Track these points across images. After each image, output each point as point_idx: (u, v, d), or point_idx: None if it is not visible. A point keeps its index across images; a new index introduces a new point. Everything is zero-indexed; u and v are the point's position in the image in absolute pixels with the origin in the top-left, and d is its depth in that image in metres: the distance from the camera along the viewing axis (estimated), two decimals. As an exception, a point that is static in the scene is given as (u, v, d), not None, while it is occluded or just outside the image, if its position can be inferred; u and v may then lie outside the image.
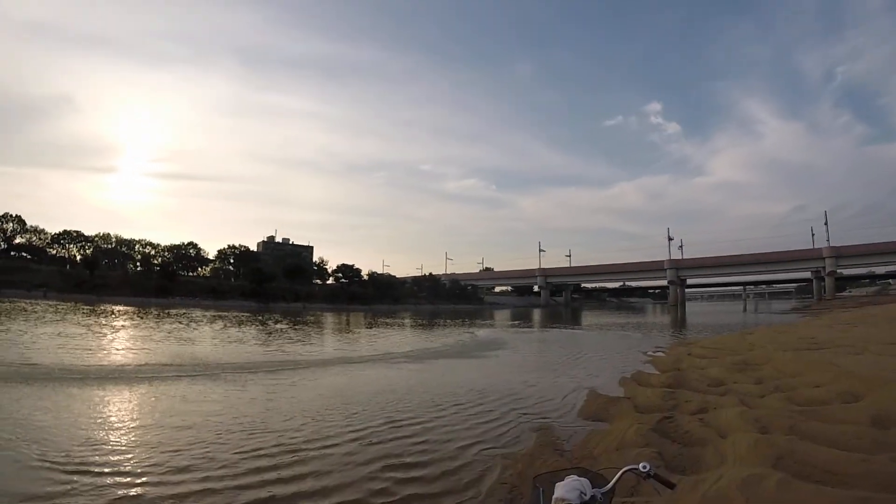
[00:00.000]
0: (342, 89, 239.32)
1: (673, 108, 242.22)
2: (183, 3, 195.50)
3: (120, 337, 19.63)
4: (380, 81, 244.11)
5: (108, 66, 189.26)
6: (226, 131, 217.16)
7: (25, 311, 32.89)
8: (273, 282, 78.28)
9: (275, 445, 5.95)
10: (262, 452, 5.66)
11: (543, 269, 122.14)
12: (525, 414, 7.88)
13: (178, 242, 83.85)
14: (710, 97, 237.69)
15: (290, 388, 9.93)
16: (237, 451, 5.70)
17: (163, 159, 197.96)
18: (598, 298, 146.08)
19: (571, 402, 8.80)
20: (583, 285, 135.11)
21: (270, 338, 22.14)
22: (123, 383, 9.84)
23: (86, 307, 44.01)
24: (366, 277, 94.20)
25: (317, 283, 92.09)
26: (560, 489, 1.59)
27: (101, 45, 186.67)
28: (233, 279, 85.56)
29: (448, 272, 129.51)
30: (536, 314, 68.58)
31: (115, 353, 14.43)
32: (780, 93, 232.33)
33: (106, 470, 4.94)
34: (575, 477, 1.63)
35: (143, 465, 5.16)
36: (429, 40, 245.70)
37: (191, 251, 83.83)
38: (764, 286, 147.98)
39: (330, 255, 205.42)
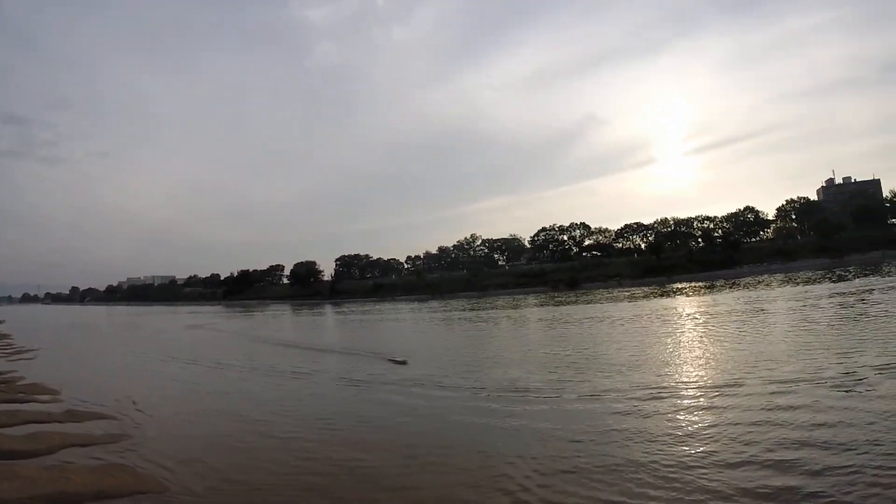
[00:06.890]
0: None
1: None
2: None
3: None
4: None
5: (611, 73, 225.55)
6: (741, 83, 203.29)
7: (610, 298, 43.13)
8: (841, 232, 73.36)
9: None
10: None
11: None
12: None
13: (733, 210, 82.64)
14: None
15: None
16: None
17: (693, 135, 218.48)
18: None
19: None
20: None
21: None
22: None
23: (656, 288, 52.68)
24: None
25: (893, 224, 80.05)
26: None
27: (601, 61, 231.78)
28: (798, 237, 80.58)
29: None
30: None
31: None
32: None
33: None
34: None
35: None
36: None
37: (748, 216, 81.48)
38: None
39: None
